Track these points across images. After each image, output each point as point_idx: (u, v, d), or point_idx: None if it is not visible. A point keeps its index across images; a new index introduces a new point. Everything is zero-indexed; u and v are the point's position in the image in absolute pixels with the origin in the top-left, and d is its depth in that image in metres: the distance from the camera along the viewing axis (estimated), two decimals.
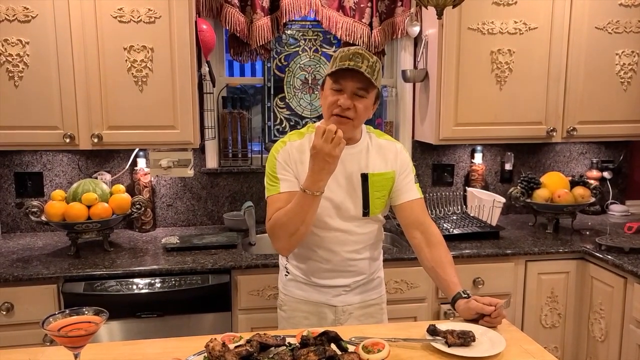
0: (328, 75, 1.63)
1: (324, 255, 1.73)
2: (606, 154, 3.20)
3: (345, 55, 1.59)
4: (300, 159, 1.69)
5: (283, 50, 2.92)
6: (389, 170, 1.74)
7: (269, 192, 1.70)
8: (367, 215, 1.72)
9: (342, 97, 1.60)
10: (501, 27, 2.61)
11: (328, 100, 1.63)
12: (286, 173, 1.68)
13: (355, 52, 1.59)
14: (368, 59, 1.59)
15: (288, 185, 1.67)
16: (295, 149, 1.71)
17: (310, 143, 1.64)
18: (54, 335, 1.18)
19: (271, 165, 1.71)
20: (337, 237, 1.71)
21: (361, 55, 1.59)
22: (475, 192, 2.88)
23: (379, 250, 1.85)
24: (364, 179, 1.70)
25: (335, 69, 1.59)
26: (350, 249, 1.73)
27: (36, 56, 2.28)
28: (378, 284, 1.86)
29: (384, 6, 2.82)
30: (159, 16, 2.33)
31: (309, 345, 1.27)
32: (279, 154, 1.71)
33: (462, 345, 1.38)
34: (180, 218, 2.86)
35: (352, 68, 1.56)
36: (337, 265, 1.73)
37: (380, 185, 1.72)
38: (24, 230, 2.73)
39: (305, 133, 1.75)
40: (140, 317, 2.16)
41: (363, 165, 1.71)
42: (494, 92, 2.66)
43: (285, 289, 1.84)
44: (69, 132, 2.34)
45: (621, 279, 2.24)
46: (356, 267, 1.75)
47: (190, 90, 2.40)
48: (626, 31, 2.70)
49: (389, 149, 1.77)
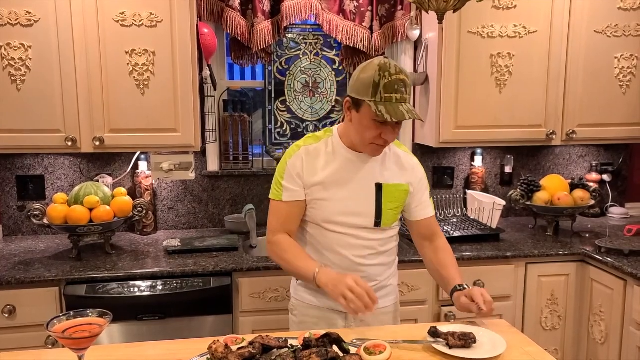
0: (369, 101, 1.52)
1: (333, 259, 1.70)
2: (605, 156, 3.21)
3: (390, 86, 1.50)
4: (313, 164, 1.67)
5: (284, 54, 2.93)
6: (404, 183, 1.71)
7: (271, 194, 1.72)
8: (378, 225, 1.69)
9: (387, 131, 1.55)
10: (501, 30, 2.62)
11: (369, 133, 1.56)
12: (291, 182, 1.67)
13: (398, 79, 1.51)
14: (408, 84, 1.54)
15: (290, 195, 1.67)
16: (309, 152, 1.68)
17: (326, 147, 1.67)
18: (58, 337, 1.19)
19: (280, 169, 1.71)
20: (346, 241, 1.69)
21: (404, 83, 1.52)
22: (476, 194, 2.89)
23: (392, 258, 1.81)
24: (378, 188, 1.68)
25: (381, 101, 1.50)
26: (359, 253, 1.70)
27: (38, 60, 2.29)
28: (391, 291, 1.82)
29: (384, 10, 2.83)
30: (161, 20, 2.34)
31: (311, 347, 1.27)
32: (290, 159, 1.69)
33: (463, 347, 1.39)
34: (182, 221, 2.86)
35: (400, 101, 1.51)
36: (346, 269, 1.68)
37: (394, 197, 1.70)
38: (25, 233, 2.74)
39: (322, 137, 1.72)
40: (142, 319, 2.17)
41: (378, 174, 1.68)
42: (493, 95, 2.67)
43: (296, 293, 1.82)
44: (71, 136, 2.35)
45: (621, 281, 2.24)
46: (366, 272, 1.71)
47: (192, 93, 2.41)
48: (625, 35, 2.71)
49: (406, 161, 1.74)
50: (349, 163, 1.67)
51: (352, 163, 1.67)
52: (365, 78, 1.53)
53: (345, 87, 3.00)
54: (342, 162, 1.67)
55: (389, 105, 1.50)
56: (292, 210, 1.69)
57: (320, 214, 1.68)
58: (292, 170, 1.67)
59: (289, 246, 1.68)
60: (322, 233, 1.70)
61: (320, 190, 1.66)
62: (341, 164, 1.67)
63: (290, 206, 1.68)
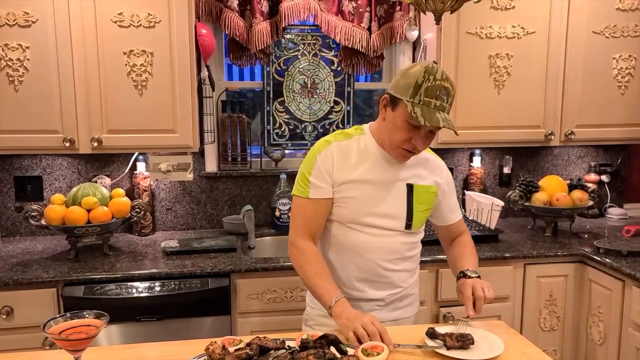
0: (407, 101, 1.48)
1: (357, 262, 1.64)
2: (604, 157, 3.21)
3: (432, 90, 1.45)
4: (344, 161, 1.61)
5: (282, 55, 2.93)
6: (432, 184, 1.68)
7: (296, 190, 1.65)
8: (409, 228, 1.64)
9: (418, 137, 1.51)
10: (499, 31, 2.62)
11: (400, 135, 1.52)
12: (320, 179, 1.61)
13: (442, 86, 1.46)
14: (451, 93, 1.48)
15: (317, 192, 1.61)
16: (340, 149, 1.62)
17: (358, 145, 1.62)
18: (55, 338, 1.19)
19: (308, 165, 1.63)
20: (373, 243, 1.63)
21: (447, 91, 1.47)
22: (474, 195, 2.89)
23: (416, 264, 1.76)
24: (409, 189, 1.63)
25: (419, 103, 1.46)
26: (386, 257, 1.64)
27: (36, 61, 2.28)
28: (413, 300, 1.78)
29: (383, 11, 2.83)
30: (159, 21, 2.34)
31: (308, 348, 1.27)
32: (320, 155, 1.62)
33: (460, 348, 1.39)
34: (180, 222, 2.86)
35: (438, 108, 1.46)
36: (370, 274, 1.64)
37: (424, 199, 1.66)
38: (23, 234, 2.73)
39: (353, 135, 1.66)
40: (140, 320, 2.16)
41: (408, 175, 1.64)
42: (492, 96, 2.67)
43: (312, 301, 1.72)
44: (68, 136, 2.34)
45: (619, 282, 2.24)
46: (391, 278, 1.66)
47: (190, 94, 2.41)
48: (623, 35, 2.72)
49: (435, 163, 1.71)
50: (380, 163, 1.62)
51: (384, 163, 1.62)
52: (408, 77, 1.48)
53: (344, 87, 3.00)
54: (374, 162, 1.62)
55: (425, 109, 1.45)
56: (319, 208, 1.62)
57: (347, 213, 1.62)
58: (322, 166, 1.60)
59: (315, 260, 1.60)
60: (347, 233, 1.64)
61: (350, 189, 1.60)
62: (373, 163, 1.62)
63: (317, 204, 1.61)
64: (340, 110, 3.02)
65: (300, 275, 1.63)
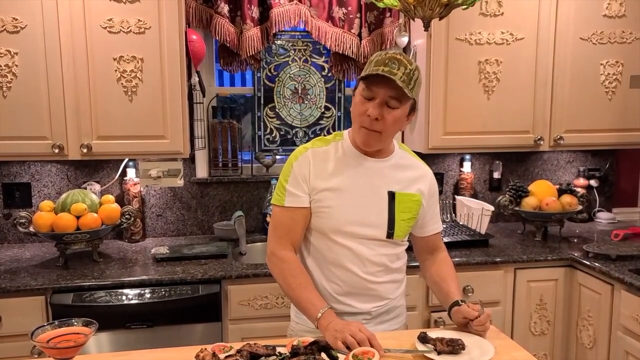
0: (360, 79, 1.50)
1: (340, 275, 1.58)
2: (593, 162, 3.24)
3: (381, 60, 1.46)
4: (321, 168, 1.57)
5: (273, 60, 2.94)
6: (416, 193, 1.62)
7: (274, 199, 1.61)
8: (391, 237, 1.58)
9: (372, 106, 1.47)
10: (488, 37, 2.64)
11: (357, 109, 1.51)
12: (296, 187, 1.57)
13: (392, 57, 1.46)
14: (406, 65, 1.45)
15: (293, 200, 1.57)
16: (317, 155, 1.59)
17: (336, 151, 1.59)
18: (43, 346, 1.18)
19: (285, 172, 1.60)
20: (355, 255, 1.57)
21: (398, 61, 1.45)
22: (465, 200, 2.90)
23: (402, 275, 1.71)
24: (390, 197, 1.58)
25: (367, 73, 1.46)
26: (369, 269, 1.59)
27: (25, 67, 2.27)
28: (401, 312, 1.73)
29: (373, 17, 2.85)
30: (149, 27, 2.34)
31: (299, 355, 1.27)
32: (297, 161, 1.59)
33: (451, 352, 1.39)
34: (170, 228, 2.85)
35: (385, 75, 1.43)
36: (353, 287, 1.59)
37: (407, 207, 1.60)
38: (11, 241, 2.71)
39: (332, 141, 1.63)
40: (130, 327, 2.15)
41: (390, 182, 1.59)
42: (482, 102, 2.69)
43: (297, 316, 1.66)
44: (58, 143, 2.33)
45: (608, 285, 2.26)
46: (376, 291, 1.61)
47: (180, 100, 2.40)
48: (610, 42, 2.75)
49: (419, 171, 1.66)
50: (360, 169, 1.58)
51: (364, 169, 1.58)
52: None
53: (334, 93, 3.01)
54: (353, 168, 1.58)
55: (372, 72, 1.45)
56: (296, 217, 1.57)
57: (327, 222, 1.57)
58: (298, 173, 1.57)
59: (298, 271, 1.56)
60: (328, 246, 1.58)
61: (328, 197, 1.55)
62: (352, 169, 1.57)
63: (293, 213, 1.57)
64: (331, 116, 3.03)
65: (283, 287, 1.58)
